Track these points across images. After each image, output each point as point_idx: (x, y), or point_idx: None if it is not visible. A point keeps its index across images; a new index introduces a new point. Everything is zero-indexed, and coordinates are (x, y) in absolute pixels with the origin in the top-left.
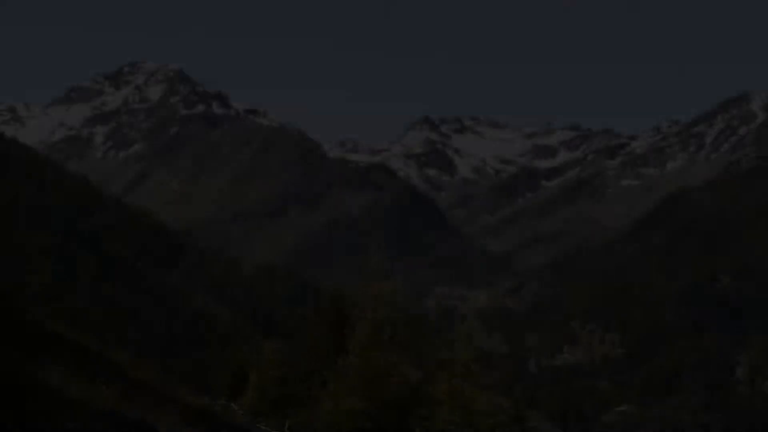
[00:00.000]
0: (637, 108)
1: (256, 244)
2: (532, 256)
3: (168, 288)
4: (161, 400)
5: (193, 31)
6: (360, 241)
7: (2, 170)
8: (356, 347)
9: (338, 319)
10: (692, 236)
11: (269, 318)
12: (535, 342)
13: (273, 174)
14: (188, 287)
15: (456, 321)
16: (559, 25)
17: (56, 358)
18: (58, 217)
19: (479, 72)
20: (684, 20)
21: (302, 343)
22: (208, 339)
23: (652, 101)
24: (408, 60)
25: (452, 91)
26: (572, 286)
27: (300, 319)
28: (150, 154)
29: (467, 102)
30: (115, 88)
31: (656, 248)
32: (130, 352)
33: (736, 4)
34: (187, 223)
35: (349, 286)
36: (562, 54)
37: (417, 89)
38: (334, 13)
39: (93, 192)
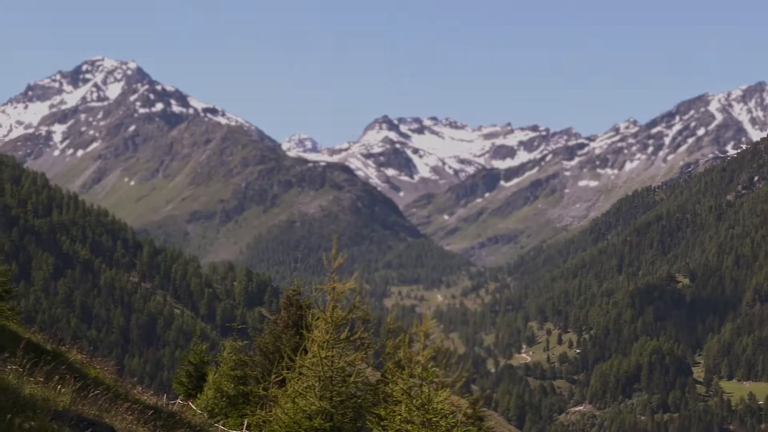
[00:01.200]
0: (596, 109)
1: (215, 243)
2: (490, 256)
3: (125, 287)
4: (118, 400)
5: (152, 29)
6: (318, 241)
7: None
8: (314, 347)
9: (296, 318)
10: (649, 237)
11: (227, 317)
12: (493, 341)
13: (231, 173)
14: (146, 286)
15: (414, 320)
16: (521, 26)
17: (11, 357)
18: (15, 215)
19: (439, 74)
20: (644, 22)
21: (260, 342)
22: (166, 338)
23: (612, 102)
24: (369, 62)
25: (412, 94)
26: (530, 286)
27: (258, 318)
28: (108, 153)
29: (426, 105)
30: (73, 87)
31: (613, 248)
32: (86, 351)
33: (695, 9)
34: (145, 221)
35: (307, 285)
36: (522, 55)
37: (376, 90)
38: (293, 10)
39: (50, 190)
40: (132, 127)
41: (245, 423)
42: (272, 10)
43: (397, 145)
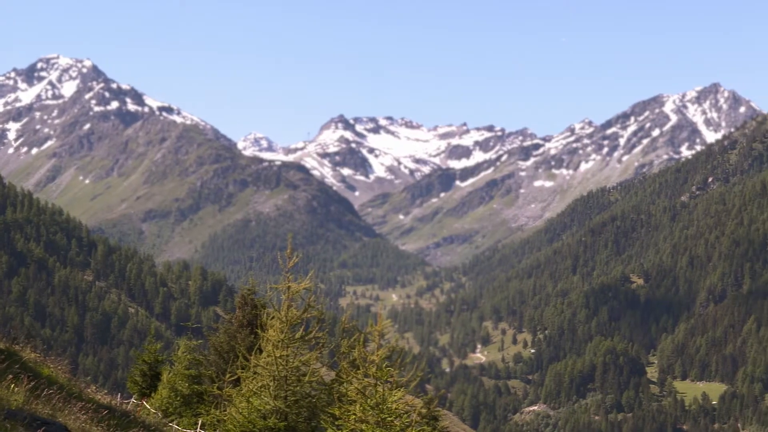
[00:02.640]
0: (552, 109)
1: (170, 242)
2: (445, 255)
3: (79, 285)
4: (72, 399)
5: (107, 27)
6: (273, 240)
7: None
8: (268, 346)
9: (251, 317)
10: (604, 237)
11: (182, 316)
12: (448, 341)
13: (186, 172)
14: (100, 285)
15: (369, 320)
16: (476, 25)
17: None
18: None
19: (395, 74)
20: (599, 23)
21: (215, 341)
22: (120, 337)
23: (567, 103)
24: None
25: (368, 93)
26: (485, 286)
27: (213, 318)
28: (63, 151)
29: (382, 105)
30: (28, 84)
31: (568, 249)
32: (40, 349)
33: (651, 11)
34: (100, 220)
35: (262, 284)
36: (478, 55)
37: (332, 89)
38: (249, 9)
39: (4, 188)
40: (87, 126)
41: (200, 422)
42: (228, 9)
43: (353, 145)
